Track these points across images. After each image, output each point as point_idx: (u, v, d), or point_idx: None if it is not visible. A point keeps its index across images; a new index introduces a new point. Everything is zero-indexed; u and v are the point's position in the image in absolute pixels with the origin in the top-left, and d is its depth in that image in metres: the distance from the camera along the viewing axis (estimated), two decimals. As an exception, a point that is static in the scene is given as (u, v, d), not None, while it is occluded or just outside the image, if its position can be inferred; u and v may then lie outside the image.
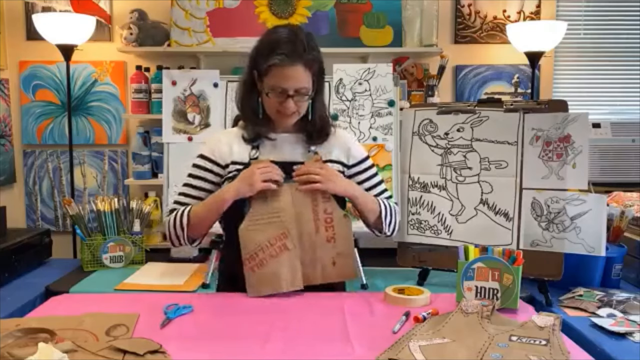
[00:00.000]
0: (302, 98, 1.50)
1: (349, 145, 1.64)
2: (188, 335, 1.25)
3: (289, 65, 1.44)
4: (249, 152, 1.56)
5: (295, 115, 1.53)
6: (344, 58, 2.95)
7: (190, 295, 1.55)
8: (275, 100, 1.49)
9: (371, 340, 1.21)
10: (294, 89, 1.47)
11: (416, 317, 1.33)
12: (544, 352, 1.12)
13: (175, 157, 2.41)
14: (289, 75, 1.45)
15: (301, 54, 1.46)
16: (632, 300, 1.83)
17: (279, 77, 1.46)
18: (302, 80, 1.47)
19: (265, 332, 1.25)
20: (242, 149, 1.56)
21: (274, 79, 1.46)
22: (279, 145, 1.58)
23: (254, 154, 1.55)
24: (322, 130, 1.59)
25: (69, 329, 1.20)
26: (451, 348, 1.14)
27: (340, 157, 1.61)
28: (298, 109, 1.51)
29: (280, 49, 1.45)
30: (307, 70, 1.48)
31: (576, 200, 1.88)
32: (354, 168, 1.64)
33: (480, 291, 1.43)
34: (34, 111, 3.23)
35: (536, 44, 2.93)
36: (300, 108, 1.52)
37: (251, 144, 1.57)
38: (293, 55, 1.44)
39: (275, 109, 1.51)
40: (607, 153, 3.16)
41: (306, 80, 1.48)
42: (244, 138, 1.57)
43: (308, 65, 1.48)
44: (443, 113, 2.12)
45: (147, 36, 3.02)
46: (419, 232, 2.12)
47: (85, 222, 2.44)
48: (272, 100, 1.50)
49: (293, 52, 1.45)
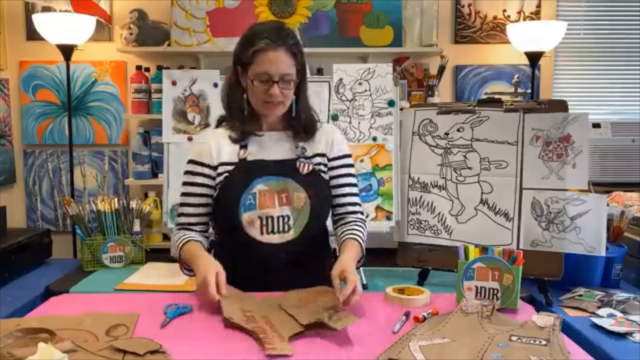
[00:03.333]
0: (287, 85, 1.50)
1: (333, 138, 1.64)
2: (188, 335, 1.25)
3: (273, 49, 1.46)
4: (237, 152, 1.56)
5: (281, 106, 1.53)
6: (344, 58, 2.96)
7: (190, 296, 1.55)
8: (261, 89, 1.49)
9: (371, 340, 1.21)
10: (279, 75, 1.47)
11: (416, 317, 1.33)
12: (544, 352, 1.12)
13: (175, 157, 2.41)
14: (273, 59, 1.46)
15: (284, 40, 1.48)
16: (632, 300, 1.82)
17: (263, 63, 1.47)
18: (286, 66, 1.48)
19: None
20: (231, 149, 1.56)
21: (259, 65, 1.47)
22: (267, 143, 1.58)
23: (242, 154, 1.55)
24: (308, 127, 1.59)
25: (69, 329, 1.20)
26: (451, 348, 1.14)
27: (324, 150, 1.62)
28: (284, 99, 1.51)
29: (264, 35, 1.48)
30: (291, 57, 1.49)
31: (576, 200, 1.88)
32: (333, 162, 1.63)
33: (480, 291, 1.43)
34: (34, 111, 3.23)
35: (536, 44, 2.93)
36: (285, 97, 1.51)
37: (239, 144, 1.56)
38: (277, 40, 1.47)
39: (261, 99, 1.51)
40: (607, 153, 3.16)
41: (290, 67, 1.49)
42: (231, 138, 1.57)
43: (292, 53, 1.49)
44: (443, 113, 2.12)
45: (147, 36, 3.02)
46: (419, 232, 2.12)
47: (85, 222, 2.44)
48: (258, 89, 1.49)
49: (277, 37, 1.48)
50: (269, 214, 1.51)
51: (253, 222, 1.50)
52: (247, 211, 1.50)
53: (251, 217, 1.50)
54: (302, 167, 1.55)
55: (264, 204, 1.51)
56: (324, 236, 1.68)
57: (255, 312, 1.34)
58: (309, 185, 1.54)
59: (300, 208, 1.52)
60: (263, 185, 1.51)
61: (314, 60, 3.02)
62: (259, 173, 1.52)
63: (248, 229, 1.51)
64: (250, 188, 1.51)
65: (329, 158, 1.63)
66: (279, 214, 1.51)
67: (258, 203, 1.50)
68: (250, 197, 1.50)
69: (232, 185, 1.52)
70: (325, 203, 1.60)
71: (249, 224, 1.50)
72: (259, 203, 1.50)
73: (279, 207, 1.51)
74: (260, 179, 1.51)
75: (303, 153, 1.58)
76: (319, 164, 1.60)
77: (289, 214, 1.52)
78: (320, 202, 1.57)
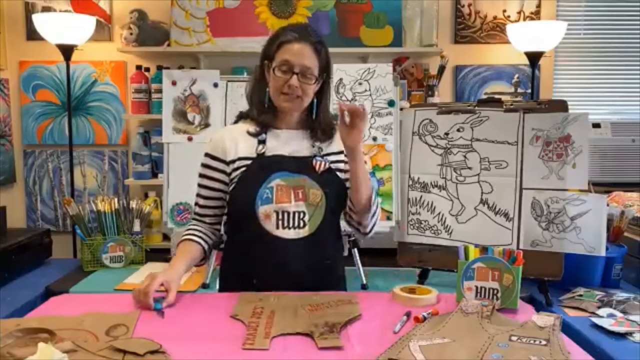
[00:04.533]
0: (307, 80, 1.50)
1: None
2: (188, 335, 1.25)
3: (298, 42, 1.49)
4: (255, 147, 1.56)
5: (299, 101, 1.53)
6: (344, 58, 2.95)
7: (191, 295, 1.55)
8: (281, 79, 1.50)
9: (371, 340, 1.21)
10: (300, 66, 1.49)
11: (416, 317, 1.33)
12: (544, 352, 1.12)
13: (175, 157, 2.41)
14: (296, 50, 1.49)
15: (310, 36, 1.51)
16: (632, 300, 1.83)
17: (287, 52, 1.49)
18: (309, 60, 1.50)
19: (266, 332, 1.25)
20: (248, 144, 1.56)
21: (282, 54, 1.50)
22: (284, 139, 1.58)
23: (260, 149, 1.55)
24: (327, 131, 1.60)
25: (69, 329, 1.20)
26: (451, 348, 1.14)
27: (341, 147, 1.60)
28: (303, 94, 1.52)
29: (290, 29, 1.53)
30: (314, 53, 1.51)
31: (576, 200, 1.88)
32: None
33: (480, 291, 1.43)
34: (34, 111, 3.23)
35: (536, 44, 2.93)
36: (304, 93, 1.52)
37: (257, 138, 1.57)
38: (303, 36, 1.51)
39: (280, 90, 1.51)
40: (607, 153, 3.16)
41: (312, 61, 1.50)
42: (249, 133, 1.58)
43: (316, 50, 1.51)
44: (443, 113, 2.12)
45: (147, 36, 3.02)
46: (419, 232, 2.12)
47: (85, 222, 2.44)
48: (278, 79, 1.50)
49: (304, 33, 1.51)
50: (285, 209, 1.51)
51: (269, 216, 1.51)
52: (263, 204, 1.50)
53: (267, 210, 1.50)
54: (318, 165, 1.55)
55: (281, 199, 1.51)
56: (338, 236, 1.67)
57: (266, 308, 1.35)
58: (324, 182, 1.54)
59: (315, 204, 1.52)
60: (280, 180, 1.51)
61: (314, 60, 3.02)
62: (276, 167, 1.52)
63: (264, 222, 1.51)
64: (268, 182, 1.51)
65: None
66: (295, 210, 1.51)
67: (275, 197, 1.51)
68: (267, 191, 1.50)
69: (250, 178, 1.53)
70: (341, 201, 1.60)
71: (266, 217, 1.51)
72: (275, 197, 1.51)
73: (295, 203, 1.51)
74: (278, 174, 1.52)
75: (319, 152, 1.59)
76: (336, 162, 1.60)
77: (304, 209, 1.52)
78: (336, 200, 1.57)
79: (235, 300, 1.42)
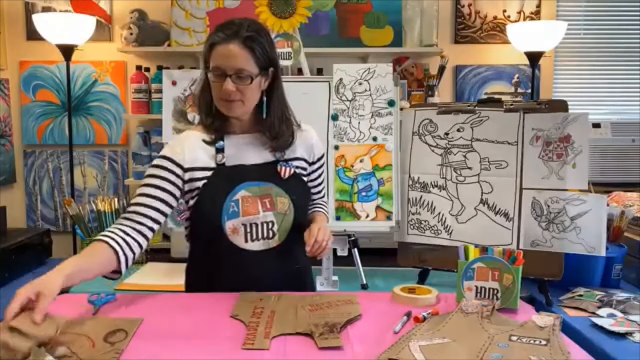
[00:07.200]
0: (243, 82, 1.41)
1: (312, 142, 1.61)
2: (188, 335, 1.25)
3: (226, 43, 1.40)
4: (214, 156, 1.49)
5: (239, 104, 1.44)
6: (344, 58, 2.96)
7: (188, 295, 1.55)
8: (217, 85, 1.42)
9: (371, 340, 1.21)
10: (231, 69, 1.40)
11: (416, 317, 1.33)
12: (544, 352, 1.12)
13: (175, 157, 2.41)
14: (225, 53, 1.40)
15: (238, 33, 1.41)
16: (632, 300, 1.82)
17: (217, 57, 1.41)
18: (240, 61, 1.40)
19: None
20: (206, 153, 1.49)
21: (214, 60, 1.42)
22: (243, 146, 1.52)
23: (220, 159, 1.49)
24: (282, 133, 1.52)
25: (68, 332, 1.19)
26: (451, 348, 1.14)
27: (304, 155, 1.59)
28: (242, 97, 1.43)
29: (220, 29, 1.43)
30: (247, 52, 1.41)
31: (576, 200, 1.87)
32: (313, 165, 1.63)
33: (480, 291, 1.43)
34: (34, 111, 3.23)
35: (536, 44, 2.93)
36: (243, 96, 1.43)
37: (214, 146, 1.50)
38: (231, 35, 1.40)
39: (218, 96, 1.44)
40: (607, 153, 3.16)
41: (245, 62, 1.41)
42: (205, 141, 1.50)
43: (247, 46, 1.41)
44: (443, 113, 2.12)
45: (147, 36, 3.02)
46: (419, 232, 2.12)
47: (85, 222, 2.44)
48: (215, 85, 1.44)
49: (231, 31, 1.41)
50: (252, 221, 1.47)
51: (237, 230, 1.46)
52: (230, 219, 1.46)
53: (235, 224, 1.46)
54: (283, 172, 1.51)
55: (248, 211, 1.46)
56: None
57: (266, 308, 1.35)
58: (291, 189, 1.51)
59: (284, 212, 1.50)
60: (245, 192, 1.47)
61: (314, 60, 3.02)
62: (239, 179, 1.47)
63: (232, 237, 1.46)
64: (233, 195, 1.46)
65: (309, 162, 1.61)
66: (263, 220, 1.48)
67: (241, 210, 1.46)
68: (233, 204, 1.46)
69: (213, 192, 1.46)
70: (307, 207, 1.60)
71: (233, 232, 1.46)
72: (242, 210, 1.46)
73: (263, 213, 1.48)
74: (242, 185, 1.47)
75: (282, 156, 1.54)
76: (298, 167, 1.56)
77: (273, 219, 1.49)
78: (303, 206, 1.56)
79: (235, 300, 1.42)
